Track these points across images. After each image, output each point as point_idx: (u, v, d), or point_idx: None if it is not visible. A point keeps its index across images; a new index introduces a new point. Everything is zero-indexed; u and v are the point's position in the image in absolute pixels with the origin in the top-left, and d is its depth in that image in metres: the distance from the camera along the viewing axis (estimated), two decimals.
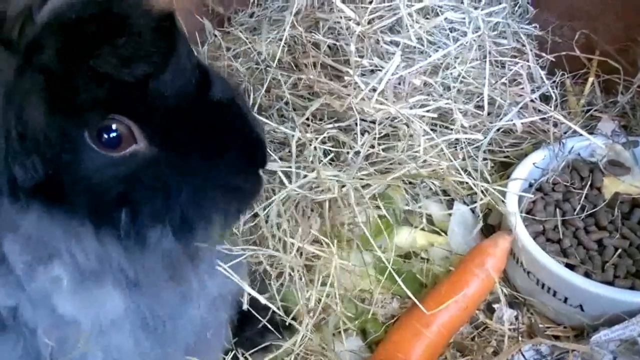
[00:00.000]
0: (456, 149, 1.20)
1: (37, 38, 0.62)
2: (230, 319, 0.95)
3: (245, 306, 0.94)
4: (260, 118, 1.14)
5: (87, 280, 0.69)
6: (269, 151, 1.09)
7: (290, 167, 1.05)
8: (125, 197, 0.68)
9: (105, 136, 0.65)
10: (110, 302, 0.72)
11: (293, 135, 1.08)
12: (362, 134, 1.12)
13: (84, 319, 0.71)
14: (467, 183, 1.11)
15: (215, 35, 1.38)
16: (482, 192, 1.10)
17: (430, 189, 1.23)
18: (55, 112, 0.62)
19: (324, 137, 1.12)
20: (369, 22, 1.18)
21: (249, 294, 0.94)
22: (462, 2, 1.29)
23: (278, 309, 0.96)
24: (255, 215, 1.03)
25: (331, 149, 1.15)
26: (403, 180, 1.18)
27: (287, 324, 0.98)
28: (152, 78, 0.65)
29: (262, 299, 0.93)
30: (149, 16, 0.67)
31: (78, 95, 0.62)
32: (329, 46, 1.22)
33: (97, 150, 0.65)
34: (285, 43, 1.20)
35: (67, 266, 0.68)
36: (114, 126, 0.65)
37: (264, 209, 1.02)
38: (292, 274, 0.98)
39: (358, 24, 1.14)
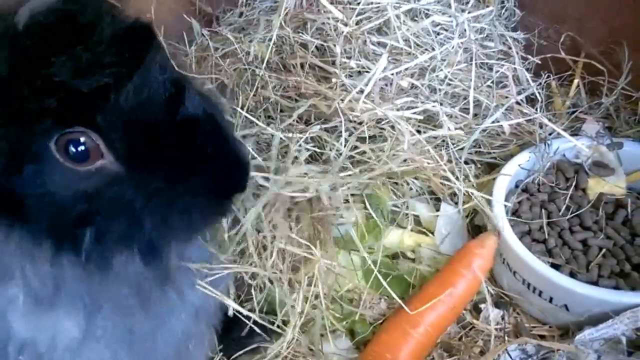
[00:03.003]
0: (442, 151, 1.21)
1: None
2: (214, 327, 0.94)
3: (230, 312, 0.93)
4: (249, 117, 1.14)
5: (40, 304, 0.67)
6: (253, 152, 1.09)
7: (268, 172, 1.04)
8: (89, 216, 0.66)
9: (73, 149, 0.63)
10: (65, 325, 0.70)
11: (274, 136, 1.07)
12: (350, 135, 1.12)
13: (40, 340, 0.69)
14: (452, 183, 1.12)
15: (203, 35, 1.38)
16: (467, 194, 1.10)
17: (417, 190, 1.23)
18: (6, 123, 0.61)
19: (308, 138, 1.11)
20: (356, 23, 1.18)
21: (234, 300, 0.94)
22: (449, 6, 1.30)
23: (263, 315, 0.96)
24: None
25: (315, 149, 1.15)
26: (386, 180, 1.18)
27: (275, 325, 0.98)
28: (112, 89, 0.62)
29: (245, 311, 0.93)
30: (119, 26, 0.65)
31: (27, 104, 0.60)
32: (316, 47, 1.22)
33: (63, 163, 0.63)
34: (273, 43, 1.20)
35: (22, 288, 0.66)
36: (82, 139, 0.63)
37: (246, 213, 1.01)
38: (272, 285, 0.98)
39: (346, 24, 1.14)
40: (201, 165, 0.69)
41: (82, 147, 0.64)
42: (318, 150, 1.16)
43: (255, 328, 0.97)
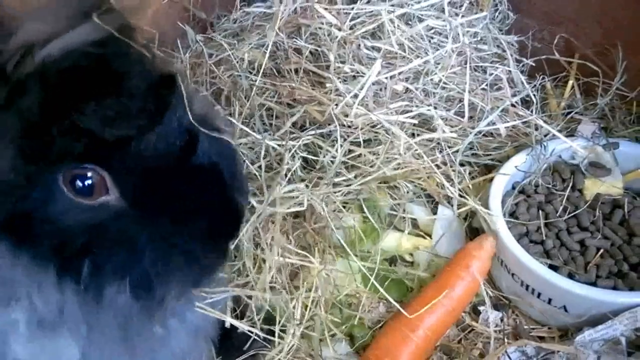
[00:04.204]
0: (437, 154, 1.20)
1: (24, 82, 0.61)
2: (212, 340, 0.95)
3: (227, 324, 0.94)
4: (242, 127, 1.14)
5: (44, 327, 0.68)
6: (247, 162, 1.09)
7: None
8: (89, 248, 0.67)
9: (79, 183, 0.65)
10: (66, 350, 0.70)
11: (267, 146, 1.07)
12: (344, 141, 1.12)
13: None
14: (447, 187, 1.12)
15: (197, 42, 1.38)
16: (462, 196, 1.10)
17: (414, 193, 1.23)
18: (26, 160, 0.62)
19: (301, 145, 1.11)
20: (350, 28, 1.18)
21: (232, 307, 0.95)
22: (443, 11, 1.30)
23: (262, 326, 0.96)
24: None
25: (310, 156, 1.15)
26: (382, 185, 1.18)
27: (275, 335, 0.98)
28: (134, 139, 0.64)
29: (245, 327, 0.94)
30: (147, 77, 0.67)
31: (53, 147, 0.62)
32: (311, 52, 1.22)
33: (68, 195, 0.65)
34: (267, 50, 1.20)
35: (26, 311, 0.67)
36: (88, 174, 0.65)
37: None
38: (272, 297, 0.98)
39: (340, 29, 1.14)
40: (201, 212, 0.71)
41: (88, 182, 0.65)
42: (313, 158, 1.16)
43: (254, 336, 0.96)
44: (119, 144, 0.64)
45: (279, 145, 1.10)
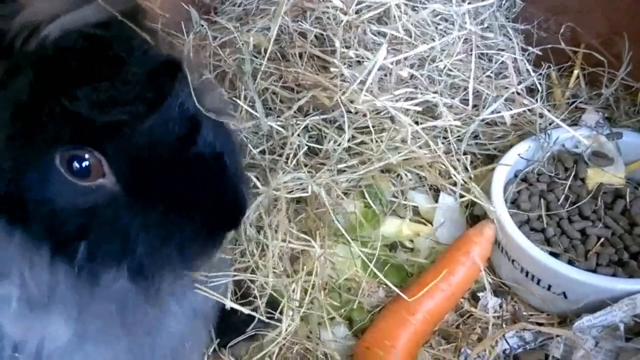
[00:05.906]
0: (441, 143, 1.20)
1: (20, 61, 0.61)
2: (212, 323, 0.95)
3: (228, 306, 0.94)
4: (247, 108, 1.14)
5: (34, 306, 0.68)
6: (250, 147, 1.09)
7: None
8: (84, 230, 0.67)
9: (76, 165, 0.64)
10: (54, 330, 0.70)
11: (263, 123, 1.06)
12: (348, 127, 1.12)
13: (30, 341, 0.70)
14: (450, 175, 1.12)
15: (202, 25, 1.37)
16: (463, 183, 1.10)
17: (416, 181, 1.23)
18: (18, 140, 0.62)
19: (307, 127, 1.11)
20: (356, 12, 1.18)
21: (233, 288, 0.95)
22: None
23: (264, 309, 0.97)
24: None
25: (314, 145, 1.15)
26: (385, 173, 1.18)
27: (275, 319, 0.98)
28: (127, 125, 0.64)
29: (246, 311, 0.94)
30: (148, 63, 0.66)
31: (44, 128, 0.61)
32: (316, 36, 1.21)
33: (64, 175, 0.65)
34: (274, 38, 1.19)
35: (17, 288, 0.67)
36: (86, 155, 0.64)
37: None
38: (268, 286, 0.98)
39: (345, 13, 1.14)
40: (198, 203, 0.70)
41: (85, 163, 0.65)
42: (317, 147, 1.16)
43: (252, 320, 0.97)
44: (112, 128, 0.63)
45: (281, 127, 1.09)
